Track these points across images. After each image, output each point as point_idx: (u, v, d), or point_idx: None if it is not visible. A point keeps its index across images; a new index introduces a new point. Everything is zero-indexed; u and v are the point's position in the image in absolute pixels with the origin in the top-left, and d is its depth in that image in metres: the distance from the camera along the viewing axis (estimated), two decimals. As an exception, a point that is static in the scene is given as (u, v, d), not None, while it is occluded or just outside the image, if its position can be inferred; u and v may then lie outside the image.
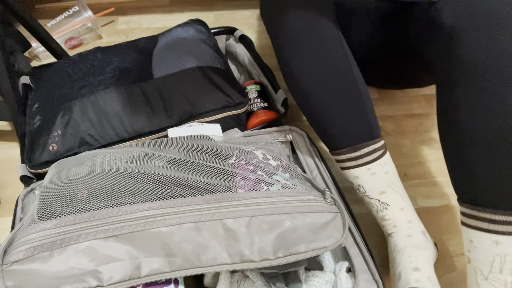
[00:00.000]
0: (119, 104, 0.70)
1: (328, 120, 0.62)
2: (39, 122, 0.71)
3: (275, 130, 0.72)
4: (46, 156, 0.67)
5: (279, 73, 1.05)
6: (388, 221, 0.63)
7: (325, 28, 0.61)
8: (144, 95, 0.71)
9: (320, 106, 0.62)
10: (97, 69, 0.77)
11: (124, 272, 0.42)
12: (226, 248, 0.45)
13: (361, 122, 0.62)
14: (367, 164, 0.62)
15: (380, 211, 0.63)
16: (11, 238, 0.43)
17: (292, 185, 0.52)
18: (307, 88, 0.62)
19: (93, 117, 0.69)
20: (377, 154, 0.62)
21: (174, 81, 0.73)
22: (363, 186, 0.63)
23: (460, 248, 0.73)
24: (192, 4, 1.27)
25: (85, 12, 1.12)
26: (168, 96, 0.72)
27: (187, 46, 0.80)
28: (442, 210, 0.79)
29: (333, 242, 0.47)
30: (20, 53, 1.00)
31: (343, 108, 0.61)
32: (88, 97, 0.71)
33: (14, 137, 0.89)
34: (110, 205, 0.46)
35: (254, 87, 0.85)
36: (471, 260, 0.53)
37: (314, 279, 0.53)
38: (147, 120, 0.70)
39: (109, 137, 0.69)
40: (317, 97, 0.62)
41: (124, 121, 0.69)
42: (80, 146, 0.68)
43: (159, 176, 0.50)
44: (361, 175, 0.63)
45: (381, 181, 0.62)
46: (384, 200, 0.63)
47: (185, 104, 0.72)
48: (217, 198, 0.48)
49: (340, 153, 0.63)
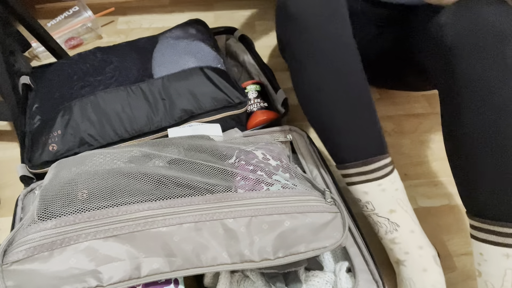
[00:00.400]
0: (119, 104, 0.70)
1: (340, 132, 0.60)
2: (39, 122, 0.71)
3: (275, 130, 0.72)
4: (46, 156, 0.67)
5: (278, 73, 1.06)
6: (398, 245, 0.60)
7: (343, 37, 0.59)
8: (144, 95, 0.71)
9: (333, 117, 0.59)
10: (97, 69, 0.77)
11: (124, 272, 0.42)
12: (226, 248, 0.45)
13: (373, 135, 0.60)
14: (377, 179, 0.59)
15: (389, 232, 0.60)
16: (11, 238, 0.43)
17: (292, 185, 0.52)
18: (320, 98, 0.60)
19: (93, 117, 0.69)
20: (387, 170, 0.60)
21: (175, 81, 0.73)
22: (372, 203, 0.60)
23: (460, 248, 0.73)
24: (192, 4, 1.27)
25: (85, 12, 1.12)
26: (169, 96, 0.72)
27: (187, 46, 0.80)
28: (442, 210, 0.79)
29: (333, 242, 0.47)
30: (20, 53, 1.00)
31: (357, 120, 0.59)
32: (88, 97, 0.71)
33: (14, 137, 0.89)
34: (110, 205, 0.46)
35: (254, 87, 0.85)
36: (482, 274, 0.53)
37: (314, 279, 0.53)
38: (147, 119, 0.70)
39: (109, 137, 0.69)
40: (331, 108, 0.59)
41: (124, 121, 0.69)
42: (80, 146, 0.68)
43: (159, 176, 0.50)
44: (371, 191, 0.60)
45: (391, 199, 0.59)
46: (394, 219, 0.59)
47: (185, 104, 0.72)
48: (217, 198, 0.48)
49: (350, 166, 0.60)
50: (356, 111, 0.59)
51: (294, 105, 0.98)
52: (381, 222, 0.60)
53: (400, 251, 0.60)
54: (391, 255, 0.62)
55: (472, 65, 0.51)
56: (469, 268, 0.70)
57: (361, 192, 0.60)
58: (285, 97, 0.80)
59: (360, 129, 0.59)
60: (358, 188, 0.60)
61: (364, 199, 0.60)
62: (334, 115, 0.59)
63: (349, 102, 0.58)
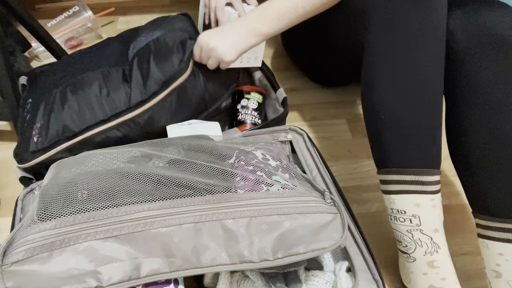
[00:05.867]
0: (97, 86, 0.69)
1: (409, 130, 0.55)
2: (27, 119, 0.71)
3: (275, 129, 0.72)
4: (32, 147, 0.66)
5: (278, 73, 1.06)
6: (436, 269, 0.55)
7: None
8: (120, 73, 0.71)
9: (404, 114, 0.55)
10: (77, 61, 0.78)
11: (124, 272, 0.42)
12: (225, 248, 0.45)
13: (438, 146, 0.56)
14: (432, 193, 0.55)
15: (429, 253, 0.55)
16: (10, 238, 0.43)
17: (291, 185, 0.52)
18: (393, 95, 0.56)
19: (72, 103, 0.68)
20: (439, 187, 0.56)
21: (146, 53, 0.72)
22: (420, 218, 0.55)
23: (460, 248, 0.73)
24: (192, 4, 1.27)
25: (85, 12, 1.12)
26: (140, 68, 0.70)
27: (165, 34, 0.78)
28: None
29: (332, 243, 0.47)
30: (20, 53, 1.00)
31: (431, 123, 0.55)
32: (68, 83, 0.71)
33: (14, 137, 0.89)
34: (109, 206, 0.46)
35: (257, 96, 0.83)
36: (503, 274, 0.52)
37: (314, 279, 0.53)
38: (125, 96, 0.69)
39: (89, 120, 0.68)
40: (405, 105, 0.55)
41: (103, 102, 0.68)
42: (63, 133, 0.67)
43: (159, 177, 0.50)
44: (423, 204, 0.54)
45: (438, 217, 0.55)
46: (436, 240, 0.55)
47: (157, 73, 0.69)
48: (216, 198, 0.48)
49: (408, 173, 0.55)
50: (429, 112, 0.55)
51: (293, 105, 0.98)
52: (422, 240, 0.55)
53: (437, 276, 0.55)
54: (420, 281, 0.56)
55: (477, 68, 0.52)
56: (469, 268, 0.70)
57: (412, 203, 0.55)
58: (284, 96, 0.80)
59: (429, 133, 0.55)
60: (410, 199, 0.55)
61: (412, 211, 0.55)
62: (412, 111, 0.55)
63: (425, 101, 0.55)
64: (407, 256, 0.58)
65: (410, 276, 0.58)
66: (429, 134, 0.55)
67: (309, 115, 0.96)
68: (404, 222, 0.56)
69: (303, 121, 0.95)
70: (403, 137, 0.55)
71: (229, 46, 0.66)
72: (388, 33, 0.55)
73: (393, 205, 0.57)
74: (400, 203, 0.56)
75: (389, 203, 0.58)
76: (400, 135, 0.55)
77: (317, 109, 0.97)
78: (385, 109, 0.56)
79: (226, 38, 0.67)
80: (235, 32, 0.67)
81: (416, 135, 0.55)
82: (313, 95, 1.01)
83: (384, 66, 0.56)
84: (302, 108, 0.98)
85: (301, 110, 0.97)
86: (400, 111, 0.55)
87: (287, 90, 1.02)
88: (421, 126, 0.55)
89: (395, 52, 0.55)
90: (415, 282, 0.57)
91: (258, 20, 0.67)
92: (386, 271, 0.67)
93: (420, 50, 0.54)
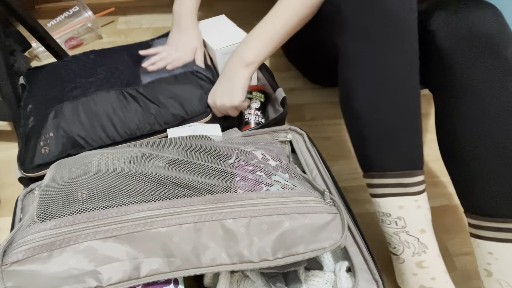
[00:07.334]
0: (110, 106, 0.70)
1: (387, 135, 0.56)
2: (32, 123, 0.70)
3: (275, 129, 0.72)
4: (38, 159, 0.66)
5: (278, 73, 1.06)
6: (425, 270, 0.55)
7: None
8: (135, 98, 0.72)
9: (384, 120, 0.56)
10: (88, 70, 0.77)
11: (124, 272, 0.42)
12: (225, 248, 0.45)
13: (419, 144, 0.56)
14: (415, 194, 0.55)
15: (417, 254, 0.55)
16: (10, 238, 0.43)
17: (291, 185, 0.52)
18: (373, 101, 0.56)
19: (84, 119, 0.68)
20: (423, 186, 0.57)
21: (166, 85, 0.73)
22: (404, 219, 0.55)
23: (460, 248, 0.73)
24: (192, 4, 1.27)
25: (85, 12, 1.12)
26: (158, 99, 0.72)
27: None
28: (442, 210, 0.79)
29: (332, 243, 0.47)
30: (20, 53, 1.00)
31: (409, 126, 0.56)
32: (79, 99, 0.70)
33: (14, 137, 0.89)
34: (109, 206, 0.46)
35: (259, 95, 0.83)
36: (493, 273, 0.52)
37: (314, 279, 0.53)
38: (138, 123, 0.70)
39: (100, 140, 0.69)
40: (384, 110, 0.56)
41: (115, 124, 0.69)
42: (72, 148, 0.68)
43: (159, 177, 0.50)
44: (407, 206, 0.55)
45: (424, 218, 0.56)
46: (423, 240, 0.55)
47: (176, 108, 0.72)
48: (216, 198, 0.48)
49: (389, 176, 0.56)
50: (408, 115, 0.56)
51: (293, 105, 0.98)
52: (409, 242, 0.56)
53: (427, 276, 0.55)
54: (411, 281, 0.57)
55: (462, 67, 0.53)
56: (469, 268, 0.70)
57: (395, 206, 0.56)
58: (284, 95, 0.80)
59: (409, 136, 0.56)
60: (393, 201, 0.56)
61: (396, 213, 0.56)
62: (386, 115, 0.56)
63: (403, 105, 0.56)
64: (397, 257, 0.58)
65: (402, 277, 0.59)
66: (410, 135, 0.56)
67: (309, 115, 0.96)
68: (391, 225, 0.57)
69: (303, 121, 0.95)
70: (384, 141, 0.56)
71: (230, 94, 0.70)
72: (363, 41, 0.56)
73: (379, 208, 0.58)
74: (385, 206, 0.57)
75: (376, 206, 0.59)
76: (381, 139, 0.56)
77: (317, 109, 0.97)
78: (365, 115, 0.57)
79: (225, 90, 0.71)
80: (228, 77, 0.71)
81: (397, 138, 0.56)
82: (313, 95, 1.01)
83: (363, 74, 0.56)
84: (302, 108, 0.98)
85: (301, 110, 0.97)
86: (380, 116, 0.56)
87: (287, 90, 1.02)
88: (401, 129, 0.56)
89: (372, 59, 0.55)
90: (406, 283, 0.58)
91: (244, 52, 0.70)
92: (386, 271, 0.67)
93: (397, 54, 0.54)
